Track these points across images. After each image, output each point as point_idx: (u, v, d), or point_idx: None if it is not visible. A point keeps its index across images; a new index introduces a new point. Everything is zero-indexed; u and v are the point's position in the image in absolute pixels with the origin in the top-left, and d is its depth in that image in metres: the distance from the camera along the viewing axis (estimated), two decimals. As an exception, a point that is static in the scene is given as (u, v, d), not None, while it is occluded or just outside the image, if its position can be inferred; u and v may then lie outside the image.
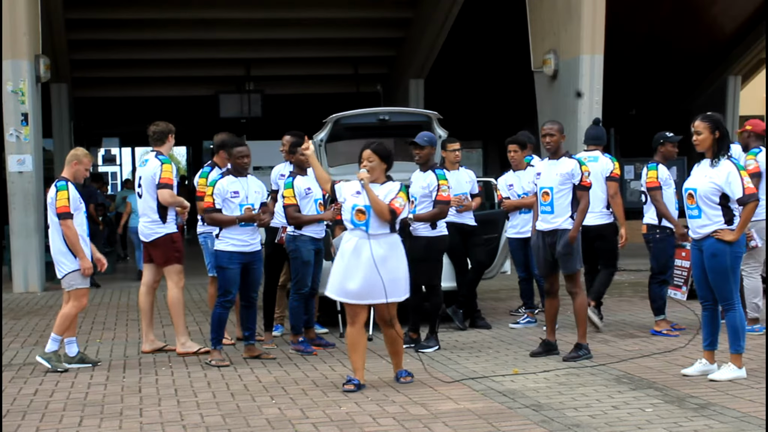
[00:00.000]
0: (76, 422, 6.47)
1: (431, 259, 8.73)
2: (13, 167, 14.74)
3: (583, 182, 8.16)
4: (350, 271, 7.09)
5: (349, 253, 7.12)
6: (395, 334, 7.34)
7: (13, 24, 14.46)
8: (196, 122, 27.32)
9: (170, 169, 8.80)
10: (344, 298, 7.20)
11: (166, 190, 8.73)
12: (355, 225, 7.15)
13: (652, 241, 9.43)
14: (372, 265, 7.03)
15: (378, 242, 7.10)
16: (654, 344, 8.74)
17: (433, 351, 8.63)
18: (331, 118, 10.75)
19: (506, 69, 23.85)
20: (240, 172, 8.37)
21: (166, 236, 8.84)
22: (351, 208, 7.17)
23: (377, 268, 7.01)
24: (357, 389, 7.09)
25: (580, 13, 15.68)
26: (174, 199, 8.80)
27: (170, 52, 24.05)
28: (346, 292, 7.14)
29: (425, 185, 8.75)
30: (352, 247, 7.12)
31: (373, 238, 7.09)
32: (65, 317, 8.24)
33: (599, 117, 12.95)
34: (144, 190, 8.88)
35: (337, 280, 7.16)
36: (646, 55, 23.87)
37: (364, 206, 7.12)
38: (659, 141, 9.48)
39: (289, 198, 8.79)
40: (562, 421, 6.07)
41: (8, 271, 15.69)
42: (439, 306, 8.87)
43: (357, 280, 7.06)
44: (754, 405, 6.35)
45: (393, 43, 24.45)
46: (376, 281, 7.03)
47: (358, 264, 7.07)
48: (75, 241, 8.14)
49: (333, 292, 7.23)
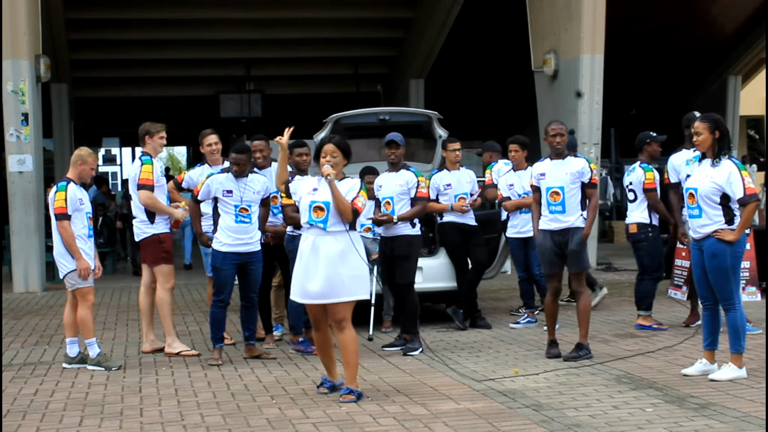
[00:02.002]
0: (76, 422, 6.47)
1: (412, 257, 8.79)
2: (14, 167, 14.74)
3: (593, 180, 8.27)
4: (309, 271, 6.80)
5: (308, 253, 6.82)
6: (347, 339, 6.84)
7: (13, 24, 14.46)
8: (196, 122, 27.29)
9: (150, 170, 8.76)
10: (306, 299, 6.88)
11: (144, 191, 8.74)
12: (313, 222, 6.84)
13: (644, 240, 9.49)
14: (332, 262, 6.74)
15: (335, 238, 6.80)
16: (654, 344, 8.75)
17: (419, 353, 8.58)
18: (332, 118, 10.75)
19: (506, 69, 23.86)
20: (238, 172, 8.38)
21: (153, 237, 8.86)
22: (309, 205, 6.88)
23: (338, 264, 6.74)
24: (331, 391, 7.01)
25: (580, 13, 15.69)
26: (152, 201, 8.75)
27: (170, 52, 24.05)
28: (307, 294, 6.83)
29: (402, 183, 8.80)
30: (310, 246, 6.82)
31: (331, 234, 6.82)
32: (83, 321, 8.22)
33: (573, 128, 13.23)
34: (131, 190, 8.99)
35: (298, 281, 6.88)
36: (646, 55, 23.88)
37: (322, 202, 6.83)
38: (645, 141, 9.58)
39: (287, 198, 8.79)
40: (563, 421, 6.07)
41: (8, 271, 15.70)
42: (417, 305, 8.82)
43: (318, 279, 6.75)
44: (755, 405, 6.35)
45: (393, 43, 24.45)
46: (336, 278, 6.74)
47: (317, 262, 6.77)
48: (71, 242, 8.13)
49: (296, 295, 6.94)
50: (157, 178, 8.82)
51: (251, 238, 8.37)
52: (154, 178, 8.78)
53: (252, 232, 8.37)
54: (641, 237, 9.51)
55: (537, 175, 8.41)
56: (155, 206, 8.80)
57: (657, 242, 9.51)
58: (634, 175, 9.58)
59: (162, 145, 9.07)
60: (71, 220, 8.15)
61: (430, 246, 10.43)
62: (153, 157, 8.94)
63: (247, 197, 8.31)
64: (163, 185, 8.96)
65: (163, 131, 9.08)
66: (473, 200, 9.97)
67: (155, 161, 8.95)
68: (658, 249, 9.56)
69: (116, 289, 14.75)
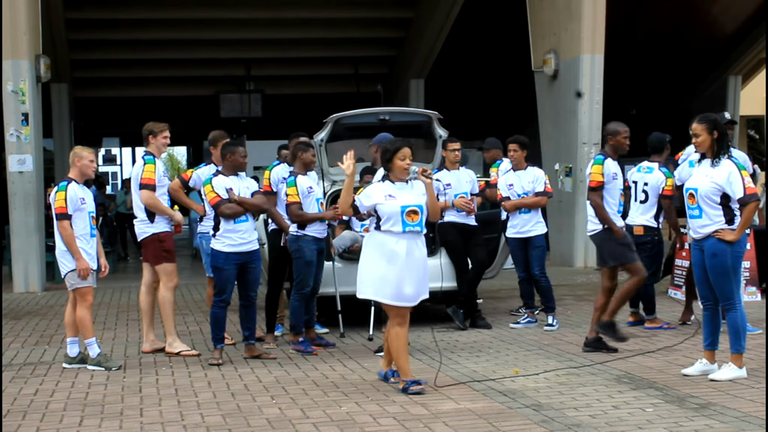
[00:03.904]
0: (76, 422, 6.47)
1: None
2: (14, 167, 14.74)
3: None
4: (405, 275, 6.92)
5: (404, 257, 6.92)
6: (405, 334, 7.12)
7: (13, 24, 14.46)
8: (196, 122, 27.34)
9: (152, 169, 8.77)
10: (401, 302, 6.97)
11: (145, 191, 8.75)
12: (409, 226, 6.95)
13: (650, 243, 9.39)
14: (423, 264, 7.02)
15: (422, 239, 7.09)
16: (654, 344, 8.74)
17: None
18: (332, 118, 10.74)
19: (506, 69, 23.87)
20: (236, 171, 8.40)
21: (153, 236, 8.86)
22: (400, 210, 6.95)
23: (425, 264, 7.03)
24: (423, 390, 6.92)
25: (580, 13, 15.69)
26: (153, 201, 8.75)
27: (170, 52, 24.07)
28: (402, 297, 6.95)
29: None
30: (405, 251, 6.93)
31: (420, 236, 7.05)
32: (82, 320, 8.22)
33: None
34: (132, 189, 9.01)
35: (392, 285, 6.91)
36: (646, 55, 23.88)
37: (416, 206, 6.97)
38: (666, 141, 9.49)
39: (293, 196, 8.82)
40: (563, 421, 6.07)
41: (8, 271, 15.70)
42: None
43: (413, 283, 6.95)
44: (755, 405, 6.35)
45: (393, 43, 24.46)
46: (425, 278, 7.04)
47: (412, 266, 6.95)
48: (70, 242, 8.13)
49: (387, 297, 6.96)
50: (159, 178, 8.82)
51: (251, 237, 8.39)
52: (156, 178, 8.79)
53: (251, 231, 8.39)
54: (647, 240, 9.39)
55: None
56: (156, 207, 8.80)
57: (660, 246, 9.46)
58: (652, 177, 9.39)
59: (165, 144, 9.05)
60: (73, 220, 8.16)
61: (430, 246, 10.42)
62: (156, 156, 8.94)
63: (242, 193, 8.34)
64: (165, 185, 8.97)
65: (167, 131, 9.06)
66: (469, 200, 9.92)
67: (158, 161, 8.95)
68: (660, 253, 9.51)
69: (116, 289, 14.75)
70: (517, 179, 10.15)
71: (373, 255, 7.02)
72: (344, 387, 7.30)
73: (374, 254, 7.01)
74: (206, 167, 9.55)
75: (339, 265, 9.87)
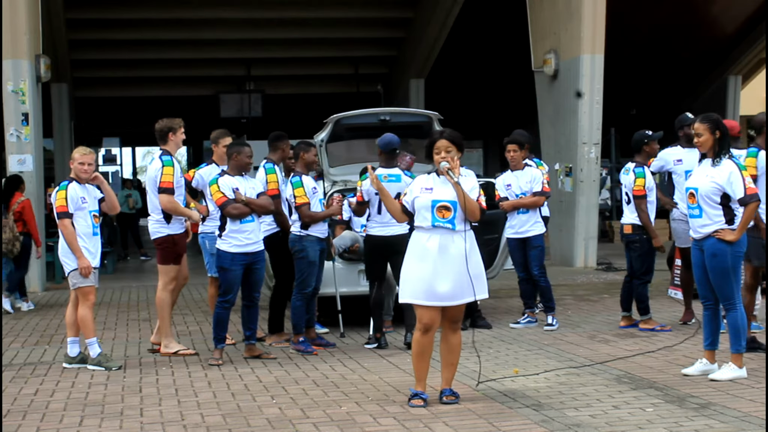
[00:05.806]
0: (76, 422, 6.47)
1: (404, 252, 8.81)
2: (14, 167, 14.73)
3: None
4: (439, 272, 6.51)
5: (435, 253, 6.53)
6: (457, 341, 6.75)
7: (13, 24, 14.46)
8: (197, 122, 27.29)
9: (171, 172, 8.65)
10: (433, 301, 6.54)
11: (165, 196, 8.65)
12: (439, 222, 6.56)
13: (638, 242, 9.46)
14: (463, 262, 6.51)
15: (462, 237, 6.58)
16: (654, 344, 8.75)
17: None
18: (332, 119, 10.75)
19: (506, 69, 23.87)
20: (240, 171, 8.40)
21: (168, 237, 8.83)
22: (431, 205, 6.58)
23: (467, 264, 6.52)
24: (425, 404, 6.57)
25: (580, 12, 15.70)
26: (173, 206, 8.69)
27: (170, 52, 24.06)
28: (436, 295, 6.52)
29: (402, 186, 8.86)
30: (437, 247, 6.54)
31: (458, 233, 6.57)
32: (83, 320, 8.22)
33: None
34: (149, 189, 8.89)
35: (423, 283, 6.54)
36: (646, 55, 23.88)
37: (448, 201, 6.55)
38: (643, 141, 9.55)
39: (302, 197, 8.77)
40: (563, 421, 6.07)
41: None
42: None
43: (448, 280, 6.51)
44: (755, 405, 6.36)
45: (393, 43, 24.45)
46: (464, 278, 6.52)
47: (446, 263, 6.52)
48: (72, 240, 8.14)
49: (418, 297, 6.57)
50: (176, 180, 8.71)
51: (257, 238, 8.39)
52: (175, 181, 8.69)
53: (257, 231, 8.39)
54: (635, 238, 9.50)
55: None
56: (176, 210, 8.72)
57: (649, 245, 9.49)
58: (627, 178, 9.57)
59: (182, 140, 9.00)
60: (74, 219, 8.17)
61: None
62: (173, 155, 8.84)
63: (248, 193, 8.34)
64: (182, 186, 8.90)
65: (183, 126, 8.99)
66: None
67: (176, 162, 8.86)
68: (650, 252, 9.53)
69: (116, 289, 14.74)
70: (515, 179, 10.14)
71: (409, 255, 6.71)
72: (344, 387, 7.30)
73: (409, 254, 6.71)
74: (207, 167, 9.53)
75: (339, 265, 9.87)
